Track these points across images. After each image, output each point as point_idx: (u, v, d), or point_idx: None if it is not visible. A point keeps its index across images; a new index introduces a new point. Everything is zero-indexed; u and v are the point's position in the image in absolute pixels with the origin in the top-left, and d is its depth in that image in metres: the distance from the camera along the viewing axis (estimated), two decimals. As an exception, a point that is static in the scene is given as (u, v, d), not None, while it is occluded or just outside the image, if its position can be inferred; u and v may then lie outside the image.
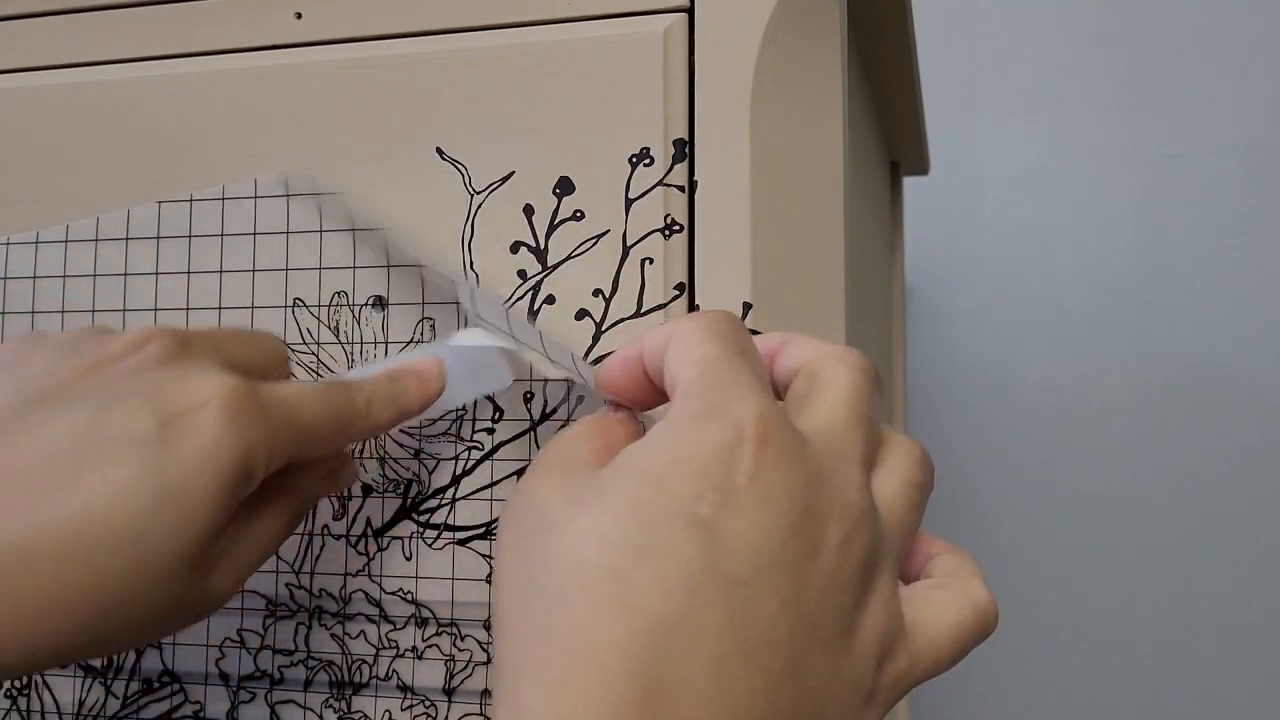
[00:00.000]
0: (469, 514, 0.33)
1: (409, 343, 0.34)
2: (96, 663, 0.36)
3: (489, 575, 0.33)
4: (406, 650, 0.34)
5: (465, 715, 0.33)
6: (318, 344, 0.35)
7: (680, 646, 0.20)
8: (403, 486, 0.34)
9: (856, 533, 0.22)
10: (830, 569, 0.21)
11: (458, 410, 0.33)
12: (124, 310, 0.36)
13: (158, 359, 0.26)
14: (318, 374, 0.35)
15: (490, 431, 0.33)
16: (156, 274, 0.36)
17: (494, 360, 0.32)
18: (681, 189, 0.32)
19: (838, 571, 0.21)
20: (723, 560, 0.20)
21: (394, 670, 0.34)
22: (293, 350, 0.35)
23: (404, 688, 0.34)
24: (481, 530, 0.33)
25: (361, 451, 0.34)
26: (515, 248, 0.33)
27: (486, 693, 0.33)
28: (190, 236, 0.36)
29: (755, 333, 0.27)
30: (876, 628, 0.22)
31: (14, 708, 0.36)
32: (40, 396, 0.25)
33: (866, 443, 0.24)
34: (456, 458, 0.33)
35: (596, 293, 0.33)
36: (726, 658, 0.20)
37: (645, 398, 0.27)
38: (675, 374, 0.24)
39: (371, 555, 0.34)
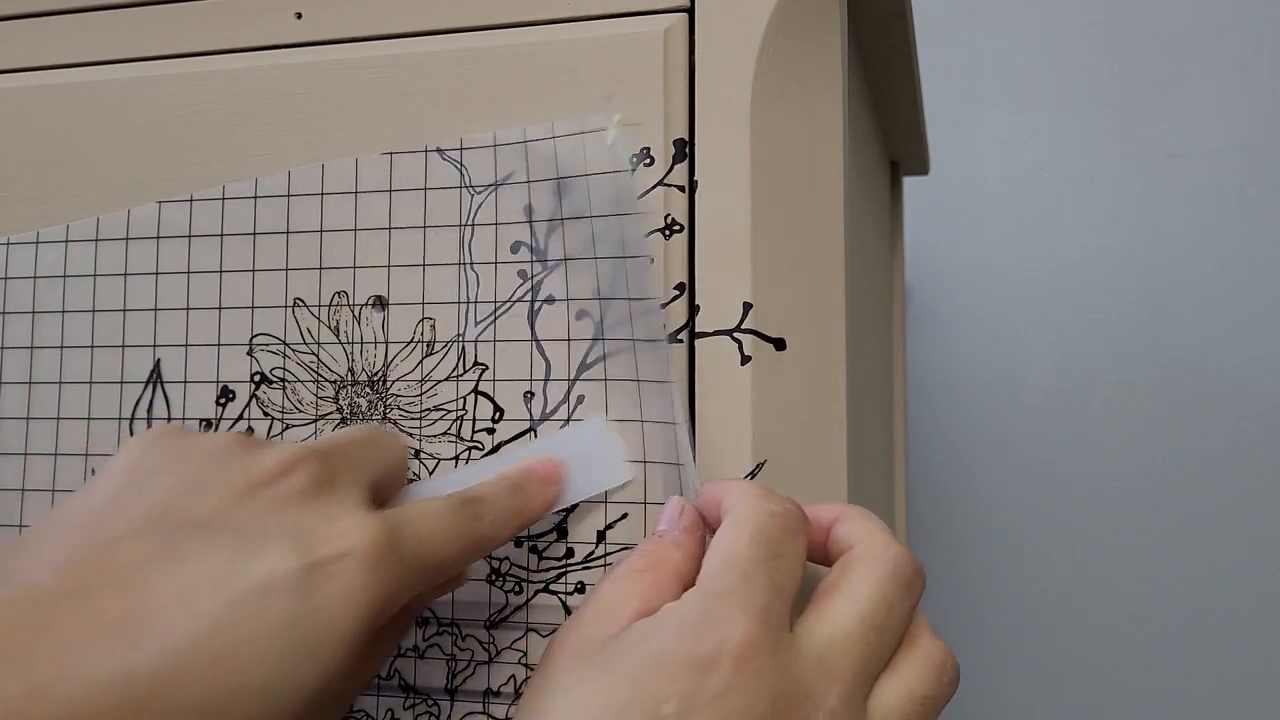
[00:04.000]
0: (469, 514, 0.33)
1: (409, 342, 0.34)
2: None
3: (489, 575, 0.33)
4: (407, 650, 0.34)
5: (467, 714, 0.33)
6: (318, 344, 0.35)
7: None
8: (403, 486, 0.34)
9: None
10: None
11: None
12: (124, 310, 0.36)
13: (304, 489, 0.25)
14: (318, 374, 0.35)
15: (490, 431, 0.33)
16: (156, 274, 0.36)
17: (614, 456, 0.32)
18: (681, 189, 0.32)
19: None
20: None
21: (395, 670, 0.34)
22: (292, 350, 0.35)
23: (406, 687, 0.34)
24: (482, 530, 0.33)
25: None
26: (515, 247, 0.33)
27: (489, 692, 0.33)
28: (190, 236, 0.36)
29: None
30: None
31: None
32: (186, 521, 0.24)
33: (869, 656, 0.25)
34: (456, 458, 0.33)
35: (596, 293, 0.33)
36: None
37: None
38: (707, 556, 0.26)
39: (372, 555, 0.34)
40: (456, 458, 0.33)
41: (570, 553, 0.33)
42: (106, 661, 0.21)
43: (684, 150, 0.32)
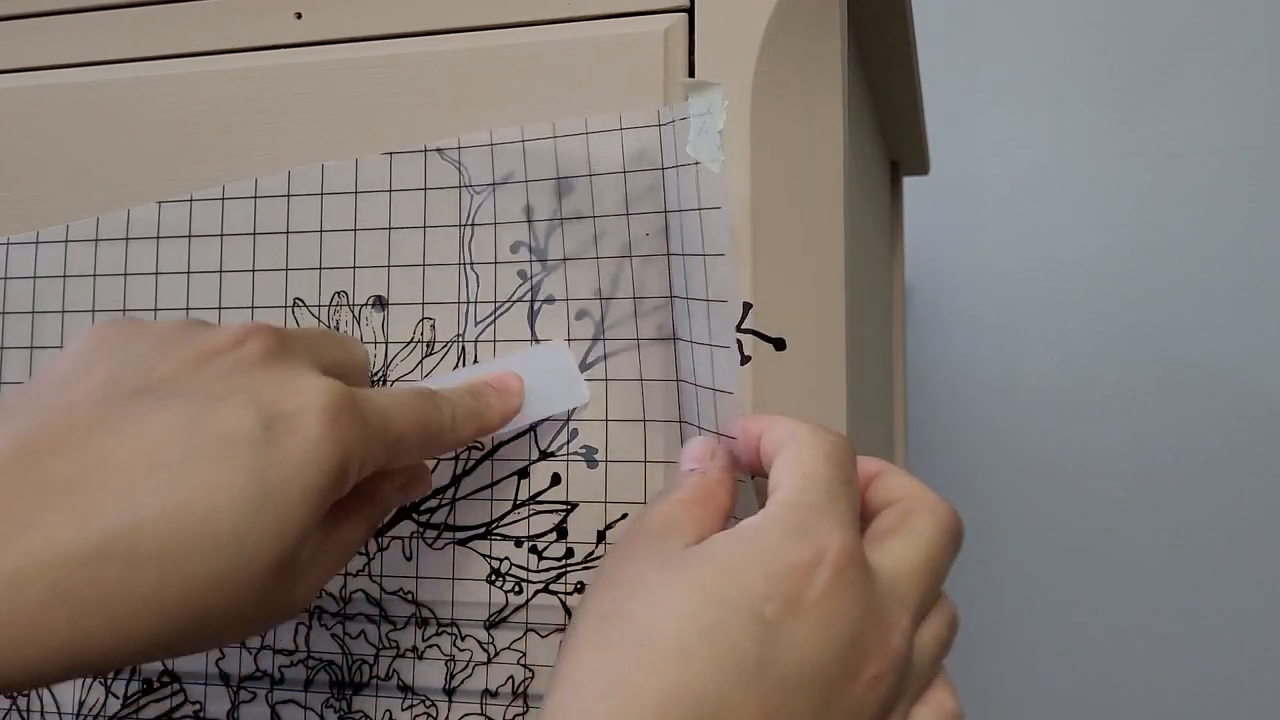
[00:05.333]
0: (469, 514, 0.33)
1: (409, 342, 0.34)
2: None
3: (489, 575, 0.33)
4: (406, 650, 0.34)
5: (465, 715, 0.33)
6: (318, 344, 0.35)
7: (715, 718, 0.22)
8: (403, 486, 0.34)
9: (889, 673, 0.24)
10: (859, 695, 0.24)
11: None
12: (124, 310, 0.36)
13: (259, 357, 0.25)
14: (318, 374, 0.35)
15: (490, 431, 0.33)
16: (156, 274, 0.36)
17: (572, 376, 0.33)
18: (681, 189, 0.32)
19: (863, 700, 0.24)
20: (773, 658, 0.23)
21: (394, 670, 0.34)
22: (293, 350, 0.35)
23: (404, 688, 0.34)
24: (481, 530, 0.33)
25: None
26: (515, 248, 0.33)
27: (487, 692, 0.33)
28: (190, 236, 0.36)
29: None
30: None
31: (14, 707, 0.36)
32: (142, 387, 0.24)
33: (926, 595, 0.27)
34: (456, 457, 0.33)
35: (596, 293, 0.33)
36: None
37: (750, 465, 0.29)
38: (779, 477, 0.26)
39: (371, 555, 0.34)
40: (457, 457, 0.33)
41: (570, 553, 0.33)
42: (65, 516, 0.21)
43: (684, 150, 0.32)
